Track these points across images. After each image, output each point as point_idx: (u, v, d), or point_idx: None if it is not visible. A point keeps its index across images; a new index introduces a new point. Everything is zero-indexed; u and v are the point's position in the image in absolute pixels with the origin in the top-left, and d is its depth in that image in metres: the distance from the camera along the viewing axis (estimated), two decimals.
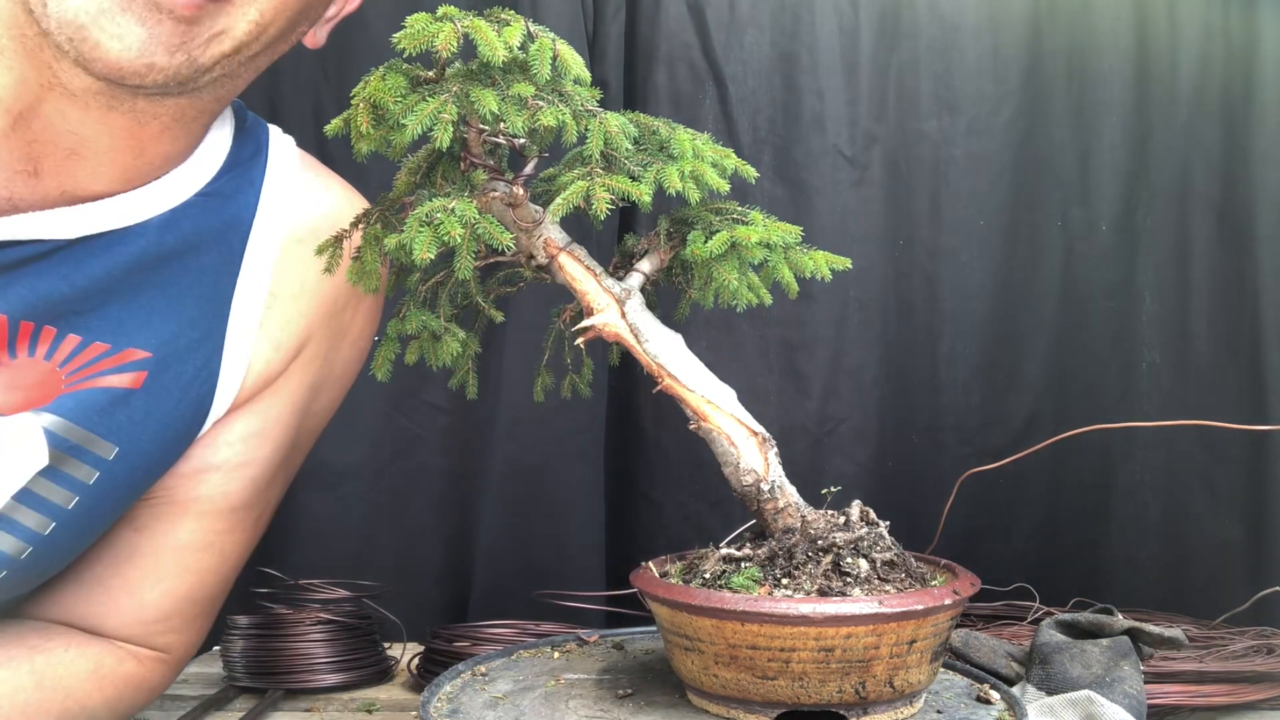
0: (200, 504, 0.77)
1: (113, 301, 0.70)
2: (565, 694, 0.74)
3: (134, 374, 0.71)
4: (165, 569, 0.77)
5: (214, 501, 0.78)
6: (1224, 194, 1.28)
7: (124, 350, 0.71)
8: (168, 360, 0.72)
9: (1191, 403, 1.27)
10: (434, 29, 0.64)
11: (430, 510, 1.30)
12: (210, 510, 0.78)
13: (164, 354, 0.72)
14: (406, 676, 1.07)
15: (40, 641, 0.73)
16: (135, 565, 0.77)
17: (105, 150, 0.68)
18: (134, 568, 0.77)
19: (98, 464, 0.70)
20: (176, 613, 0.78)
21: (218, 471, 0.78)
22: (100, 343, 0.70)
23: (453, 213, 0.65)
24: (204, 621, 0.82)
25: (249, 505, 0.80)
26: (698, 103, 1.30)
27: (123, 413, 0.71)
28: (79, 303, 0.69)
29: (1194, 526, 1.27)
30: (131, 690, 0.77)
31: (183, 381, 0.73)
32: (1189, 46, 1.29)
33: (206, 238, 0.74)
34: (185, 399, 0.74)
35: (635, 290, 0.74)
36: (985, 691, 0.75)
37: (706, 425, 0.73)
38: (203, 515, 0.78)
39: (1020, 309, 1.32)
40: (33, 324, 0.67)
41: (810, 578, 0.67)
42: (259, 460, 0.80)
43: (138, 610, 0.77)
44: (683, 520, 1.29)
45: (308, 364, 0.81)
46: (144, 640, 0.78)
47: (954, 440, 1.31)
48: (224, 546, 0.80)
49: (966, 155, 1.31)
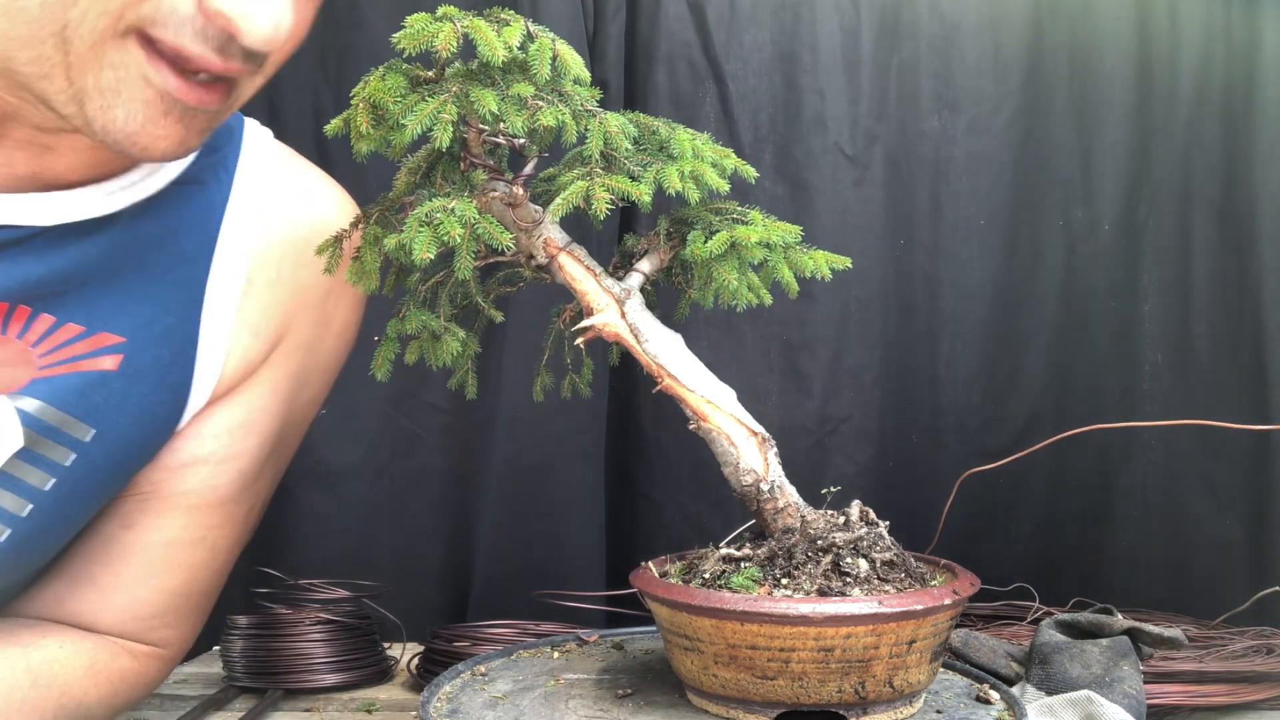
0: (189, 498, 0.78)
1: (89, 285, 0.71)
2: (565, 694, 0.74)
3: (111, 357, 0.71)
4: (157, 565, 0.77)
5: (203, 495, 0.78)
6: (1225, 194, 1.28)
7: (99, 333, 0.71)
8: (144, 344, 0.73)
9: (1192, 402, 1.27)
10: (434, 29, 0.64)
11: (430, 510, 1.30)
12: (199, 504, 0.78)
13: (140, 338, 0.72)
14: (406, 676, 1.07)
15: (35, 639, 0.73)
16: (127, 562, 0.77)
17: (84, 147, 0.68)
18: (125, 564, 0.77)
19: (74, 446, 0.71)
20: (170, 608, 0.79)
21: (205, 464, 0.78)
22: (75, 324, 0.70)
23: (452, 213, 0.65)
24: (198, 616, 0.82)
25: (238, 499, 0.80)
26: (698, 102, 1.30)
27: (99, 395, 0.71)
28: (54, 285, 0.69)
29: (1194, 526, 1.27)
30: (127, 686, 0.78)
31: (160, 366, 0.73)
32: (1190, 46, 1.29)
33: (182, 223, 0.75)
34: (163, 384, 0.74)
35: (635, 290, 0.74)
36: (985, 691, 0.75)
37: (706, 425, 0.73)
38: (192, 509, 0.78)
39: (1021, 309, 1.32)
40: (6, 304, 0.68)
41: (810, 578, 0.67)
42: (245, 452, 0.80)
43: (131, 606, 0.77)
44: (683, 520, 1.29)
45: (290, 353, 0.81)
46: (138, 636, 0.78)
47: (954, 440, 1.31)
48: (215, 541, 0.80)
49: (967, 154, 1.31)
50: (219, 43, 0.59)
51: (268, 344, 0.80)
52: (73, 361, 0.70)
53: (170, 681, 1.06)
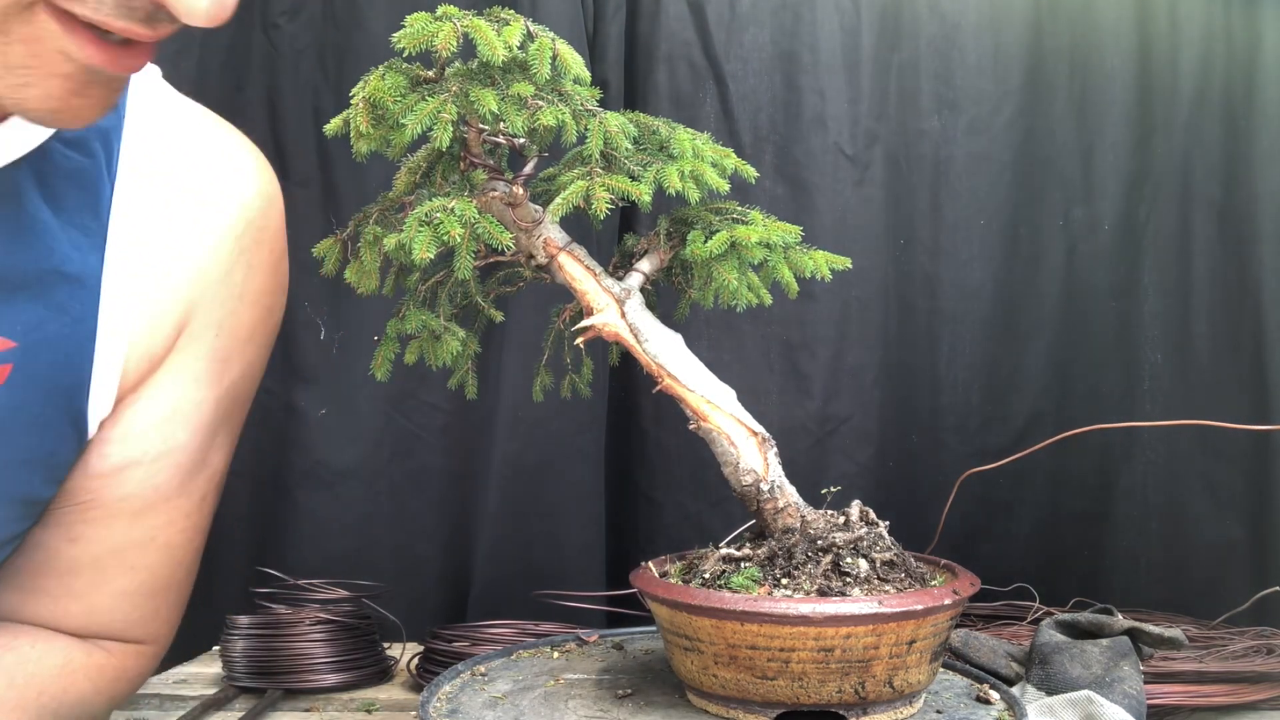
0: (129, 502, 0.74)
1: None
2: (565, 694, 0.74)
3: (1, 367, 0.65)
4: (109, 573, 0.74)
5: (144, 497, 0.74)
6: (1225, 193, 1.28)
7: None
8: (37, 348, 0.66)
9: (1192, 402, 1.27)
10: (433, 28, 0.64)
11: (430, 510, 1.30)
12: (141, 507, 0.74)
13: (31, 340, 0.65)
14: (406, 676, 1.07)
15: (7, 640, 0.71)
16: (78, 576, 0.74)
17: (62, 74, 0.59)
18: (76, 577, 0.73)
19: None
20: (133, 608, 0.76)
21: (138, 465, 0.73)
22: None
23: (452, 212, 0.65)
24: (169, 610, 0.79)
25: (182, 492, 0.76)
26: (698, 102, 1.29)
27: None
28: None
29: (1194, 526, 1.27)
30: (108, 681, 0.76)
31: (55, 368, 0.67)
32: (1190, 46, 1.29)
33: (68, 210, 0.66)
34: (59, 386, 0.67)
35: (635, 290, 0.74)
36: (985, 691, 0.75)
37: (706, 425, 0.73)
38: (136, 514, 0.74)
39: (1021, 308, 1.32)
40: None
41: (810, 578, 0.67)
42: (179, 447, 0.75)
43: (90, 614, 0.74)
44: (683, 520, 1.29)
45: (198, 336, 0.75)
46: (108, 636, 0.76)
47: (954, 440, 1.31)
48: (168, 539, 0.76)
49: (967, 154, 1.31)
50: (147, 14, 0.52)
51: (169, 330, 0.73)
52: None
53: (170, 681, 1.06)
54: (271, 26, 1.27)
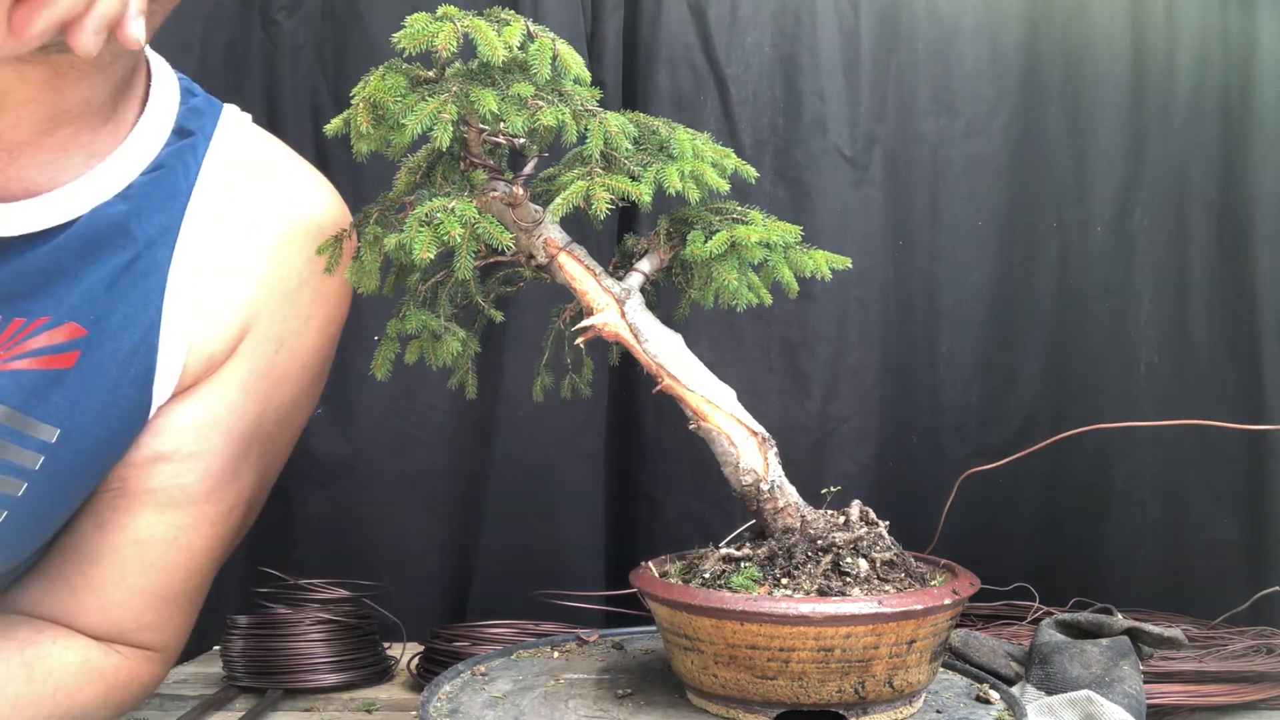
0: (156, 495, 0.76)
1: (54, 280, 0.69)
2: (565, 694, 0.74)
3: (67, 353, 0.70)
4: (128, 566, 0.76)
5: (170, 493, 0.76)
6: (1222, 195, 1.28)
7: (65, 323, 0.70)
8: (102, 336, 0.71)
9: (1190, 403, 1.27)
10: (434, 28, 0.64)
11: (429, 510, 1.30)
12: (167, 503, 0.76)
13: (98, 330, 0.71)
14: (406, 676, 1.07)
15: (30, 635, 0.73)
16: (98, 564, 0.75)
17: (23, 102, 0.67)
18: (97, 566, 0.75)
19: (42, 449, 0.70)
20: (147, 610, 0.77)
21: (169, 461, 0.76)
22: (42, 316, 0.69)
23: (452, 212, 0.65)
24: (182, 618, 0.80)
25: (210, 498, 0.78)
26: (699, 104, 1.30)
27: (59, 394, 0.70)
28: (19, 287, 0.68)
29: (1194, 526, 1.27)
30: (120, 685, 0.77)
31: (120, 358, 0.72)
32: (1186, 47, 1.29)
33: (145, 210, 0.73)
34: (125, 376, 0.72)
35: (635, 290, 0.74)
36: (985, 691, 0.75)
37: (706, 425, 0.73)
38: (161, 508, 0.76)
39: (1019, 309, 1.32)
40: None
41: (810, 577, 0.67)
42: (212, 451, 0.77)
43: (105, 610, 0.76)
44: (684, 520, 1.29)
45: (256, 348, 0.79)
46: (119, 638, 0.77)
47: (954, 440, 1.31)
48: (190, 542, 0.78)
49: (965, 156, 1.31)
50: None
51: (231, 336, 0.77)
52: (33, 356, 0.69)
53: (170, 681, 1.06)
54: (270, 23, 1.27)
